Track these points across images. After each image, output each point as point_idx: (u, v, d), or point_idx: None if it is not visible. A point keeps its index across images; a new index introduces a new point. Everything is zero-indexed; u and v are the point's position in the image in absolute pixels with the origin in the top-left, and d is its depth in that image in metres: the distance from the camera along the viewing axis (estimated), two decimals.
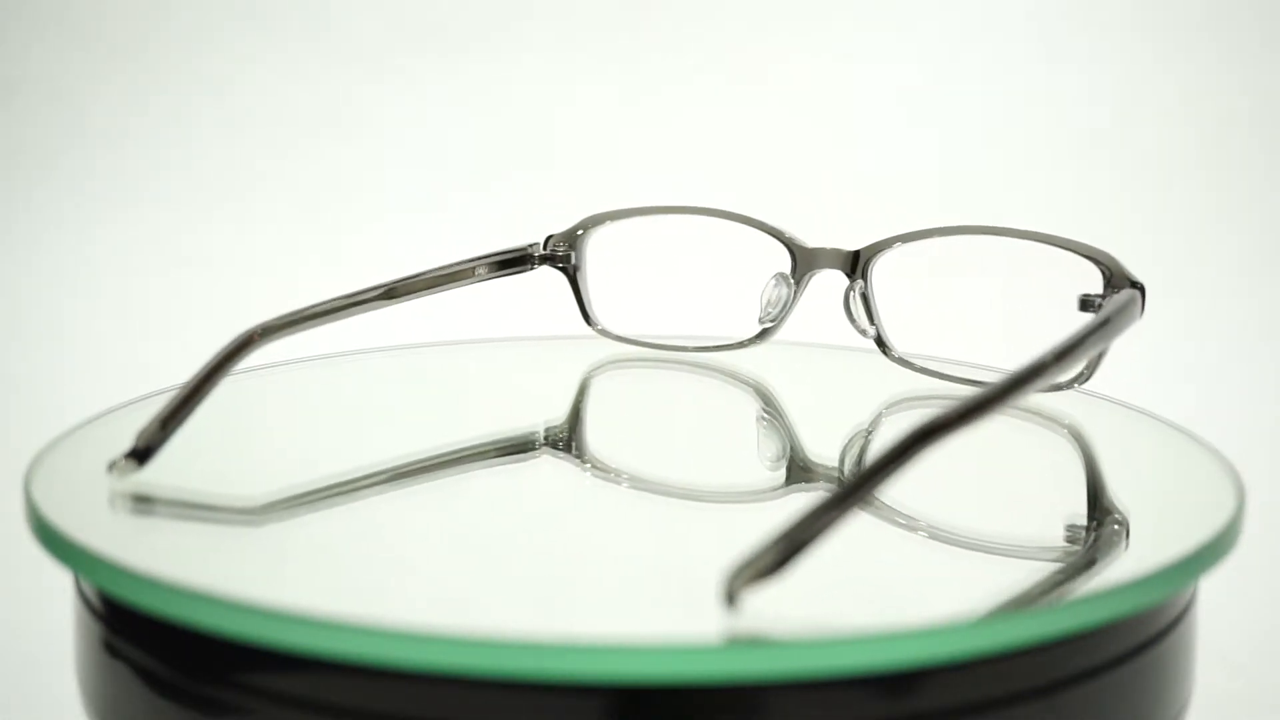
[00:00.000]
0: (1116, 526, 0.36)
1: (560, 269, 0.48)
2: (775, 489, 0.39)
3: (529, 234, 0.49)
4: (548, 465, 0.42)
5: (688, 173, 0.84)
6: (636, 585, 0.33)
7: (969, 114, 0.84)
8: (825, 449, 0.41)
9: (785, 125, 0.84)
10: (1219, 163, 0.81)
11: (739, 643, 0.29)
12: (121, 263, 0.82)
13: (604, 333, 0.48)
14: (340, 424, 0.45)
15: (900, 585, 0.34)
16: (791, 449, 0.43)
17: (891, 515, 0.38)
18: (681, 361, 0.47)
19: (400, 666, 0.29)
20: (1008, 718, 0.31)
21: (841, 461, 0.40)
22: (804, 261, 0.45)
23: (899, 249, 0.44)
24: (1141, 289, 0.40)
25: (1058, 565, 0.35)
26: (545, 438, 0.43)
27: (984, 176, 0.81)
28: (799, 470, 0.40)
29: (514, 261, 0.47)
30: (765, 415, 0.45)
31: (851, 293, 0.44)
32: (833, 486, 0.38)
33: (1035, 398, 0.41)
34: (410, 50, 0.86)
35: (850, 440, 0.41)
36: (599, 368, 0.48)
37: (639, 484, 0.40)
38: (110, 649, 0.33)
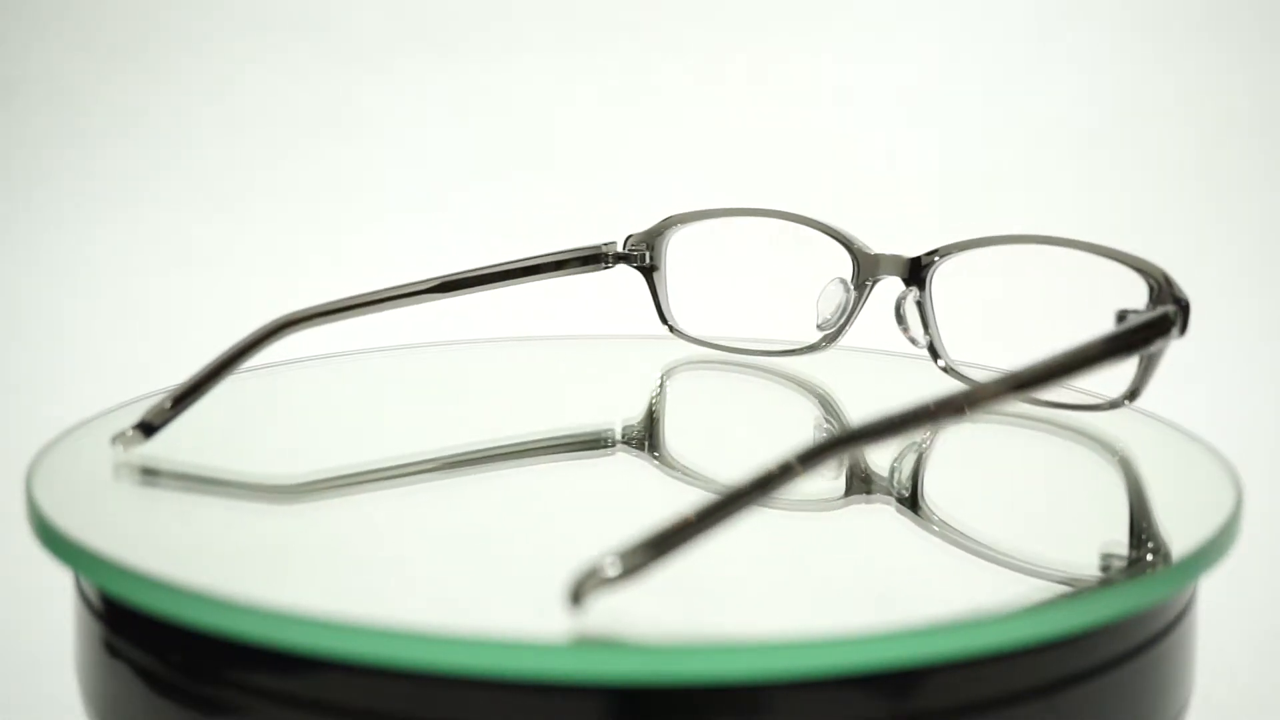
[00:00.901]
0: (1141, 546, 0.36)
1: (638, 268, 0.48)
2: (834, 500, 0.38)
3: (535, 234, 0.49)
4: (622, 462, 0.42)
5: (686, 172, 0.84)
6: (657, 586, 0.33)
7: (968, 114, 0.84)
8: (885, 458, 0.41)
9: (809, 123, 0.84)
10: (1219, 162, 0.81)
11: (739, 642, 0.29)
12: (121, 263, 0.82)
13: (677, 332, 0.48)
14: (402, 415, 0.45)
15: (901, 585, 0.34)
16: (851, 459, 0.42)
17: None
18: (751, 365, 0.47)
19: (400, 666, 0.29)
20: (1008, 718, 0.31)
21: (893, 475, 0.40)
22: (867, 267, 0.44)
23: (957, 257, 0.43)
24: (1184, 306, 0.38)
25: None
26: (622, 435, 0.43)
27: (983, 177, 0.81)
28: (859, 482, 0.39)
29: (587, 259, 0.47)
30: (826, 422, 0.44)
31: (905, 300, 0.44)
32: (889, 500, 0.38)
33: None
34: (411, 50, 0.86)
35: (901, 454, 0.41)
36: (673, 368, 0.48)
37: (708, 485, 0.39)
38: (110, 649, 0.33)
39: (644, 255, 0.48)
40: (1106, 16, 0.84)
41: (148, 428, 0.39)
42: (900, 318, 0.44)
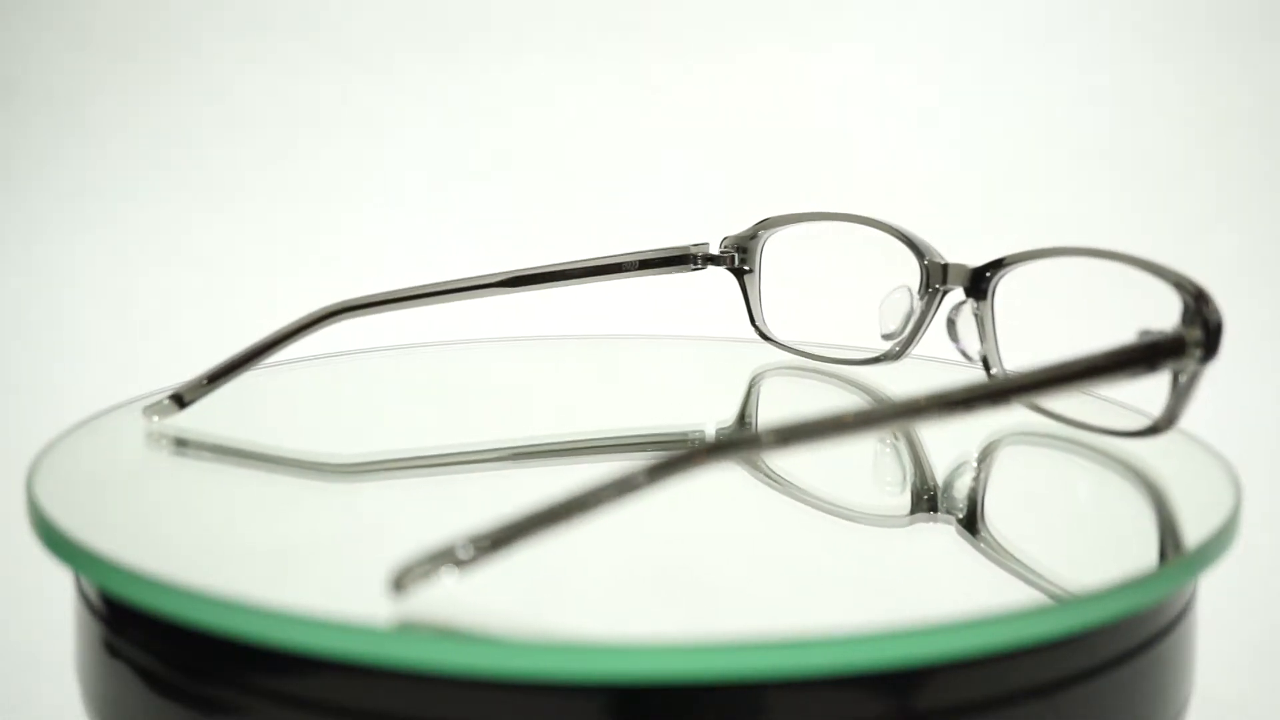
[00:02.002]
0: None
1: (732, 271, 0.47)
2: (899, 516, 0.38)
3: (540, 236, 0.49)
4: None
5: (689, 176, 0.84)
6: (656, 586, 0.33)
7: (969, 115, 0.84)
8: (948, 476, 0.41)
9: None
10: (1219, 162, 0.81)
11: (738, 642, 0.29)
12: (121, 262, 0.82)
13: (765, 337, 0.47)
14: (464, 409, 0.45)
15: (901, 584, 0.34)
16: (915, 476, 0.41)
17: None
18: (834, 374, 0.46)
19: (400, 666, 0.29)
20: (1008, 718, 0.31)
21: (946, 493, 0.39)
22: (935, 276, 0.43)
23: (1018, 268, 0.41)
24: (1211, 329, 0.36)
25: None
26: (713, 437, 0.43)
27: (982, 176, 0.82)
28: (923, 501, 0.39)
29: (674, 260, 0.47)
30: (894, 439, 0.43)
31: (960, 311, 0.42)
32: (950, 523, 0.38)
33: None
34: (413, 49, 0.86)
35: (955, 471, 0.40)
36: (762, 372, 0.48)
37: (794, 493, 0.39)
38: (110, 649, 0.33)
39: (735, 257, 0.47)
40: (1106, 14, 0.84)
41: (180, 399, 0.40)
42: (953, 328, 0.42)
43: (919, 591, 0.34)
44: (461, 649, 0.29)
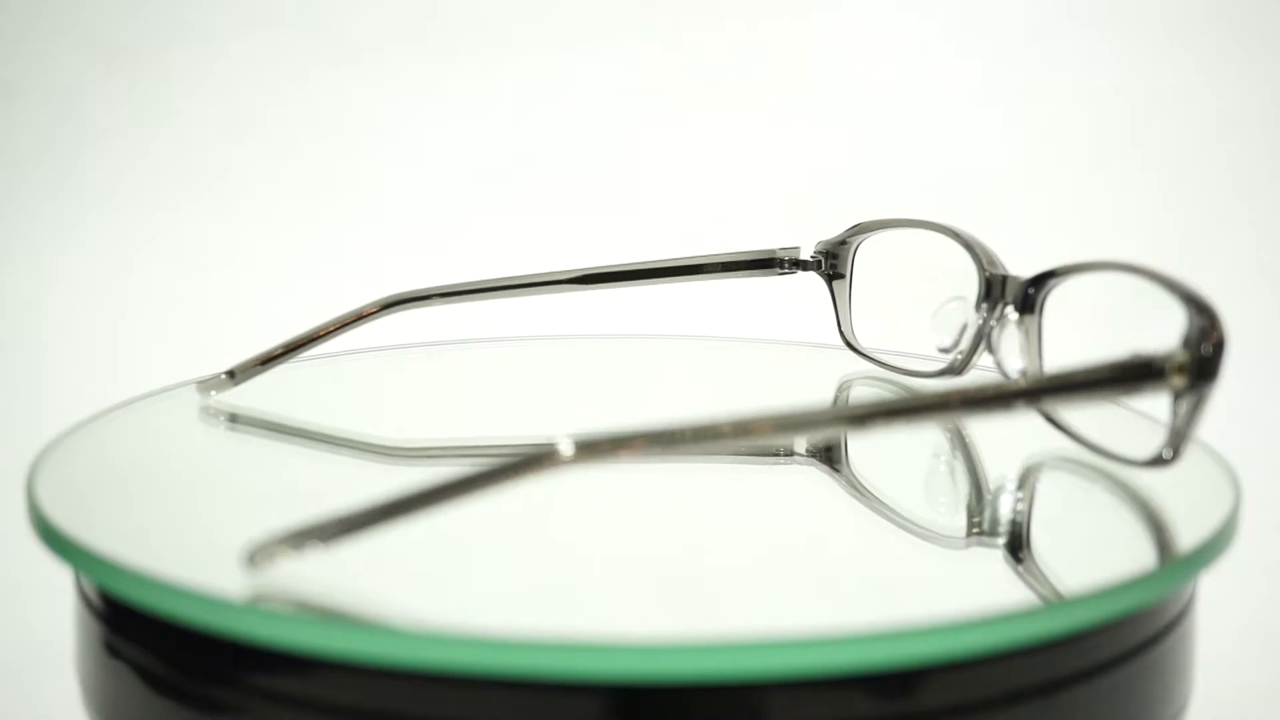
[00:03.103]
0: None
1: (824, 276, 0.46)
2: (953, 536, 0.38)
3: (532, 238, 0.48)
4: (803, 473, 0.41)
5: (688, 174, 0.84)
6: (657, 586, 0.33)
7: (969, 114, 0.84)
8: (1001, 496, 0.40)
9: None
10: (1219, 162, 0.81)
11: (738, 642, 0.29)
12: (122, 262, 0.82)
13: (850, 344, 0.46)
14: (533, 402, 0.45)
15: (901, 584, 0.34)
16: (970, 495, 0.40)
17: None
18: (907, 385, 0.45)
19: (400, 666, 0.29)
20: (1008, 718, 0.31)
21: (989, 515, 0.38)
22: (996, 289, 0.41)
23: (1066, 281, 0.39)
24: (1198, 358, 0.34)
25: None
26: (806, 447, 0.41)
27: (983, 176, 0.82)
28: (976, 524, 0.37)
29: (759, 264, 0.46)
30: (949, 456, 0.42)
31: (1004, 324, 0.40)
32: (997, 551, 0.37)
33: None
34: (416, 49, 0.86)
35: (994, 493, 0.39)
36: (849, 382, 0.46)
37: (878, 505, 0.39)
38: (110, 649, 0.33)
39: (824, 262, 0.46)
40: (1104, 13, 0.84)
41: (233, 375, 0.42)
42: (990, 343, 0.41)
43: (919, 591, 0.34)
44: (462, 649, 0.28)
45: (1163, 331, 0.35)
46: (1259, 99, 0.82)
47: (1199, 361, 0.34)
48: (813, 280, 0.46)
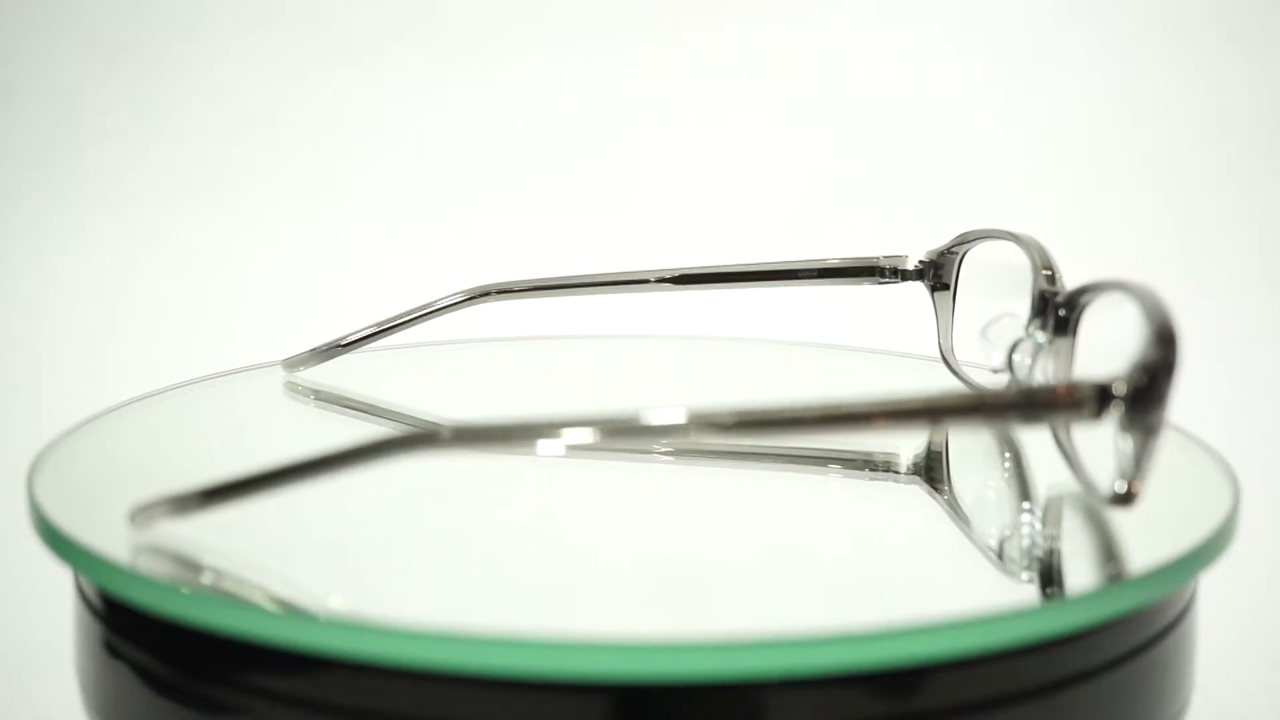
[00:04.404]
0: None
1: (930, 286, 0.43)
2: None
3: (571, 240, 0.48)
4: (905, 491, 0.40)
5: (686, 173, 0.84)
6: (657, 586, 0.33)
7: (969, 113, 0.84)
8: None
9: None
10: (1219, 162, 0.81)
11: (737, 641, 0.29)
12: (121, 262, 0.82)
13: (946, 360, 0.44)
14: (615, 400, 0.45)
15: (901, 584, 0.34)
16: (1030, 528, 0.38)
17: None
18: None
19: (400, 666, 0.29)
20: (1008, 718, 0.31)
21: (1025, 551, 0.36)
22: (1053, 307, 0.38)
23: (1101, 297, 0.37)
24: (1105, 390, 0.32)
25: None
26: (910, 464, 0.41)
27: (982, 176, 0.81)
28: (1037, 561, 0.36)
29: (860, 271, 0.44)
30: (1001, 483, 0.40)
31: (1029, 343, 0.38)
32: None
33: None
34: (416, 49, 0.86)
35: (1018, 524, 0.38)
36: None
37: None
38: (110, 649, 0.33)
39: (930, 271, 0.43)
40: (1103, 13, 0.84)
41: (303, 360, 0.44)
42: (1011, 361, 0.39)
43: (919, 591, 0.34)
44: (462, 649, 0.29)
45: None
46: (1259, 99, 0.82)
47: (1099, 397, 0.31)
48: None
